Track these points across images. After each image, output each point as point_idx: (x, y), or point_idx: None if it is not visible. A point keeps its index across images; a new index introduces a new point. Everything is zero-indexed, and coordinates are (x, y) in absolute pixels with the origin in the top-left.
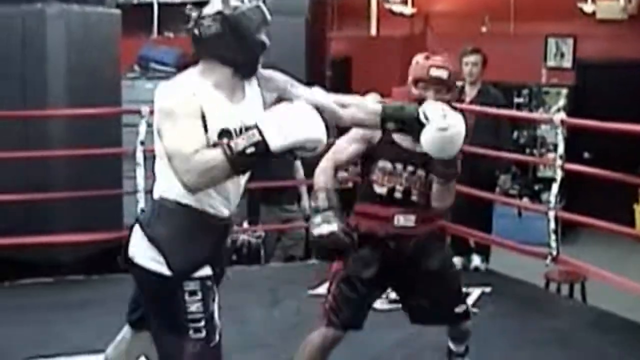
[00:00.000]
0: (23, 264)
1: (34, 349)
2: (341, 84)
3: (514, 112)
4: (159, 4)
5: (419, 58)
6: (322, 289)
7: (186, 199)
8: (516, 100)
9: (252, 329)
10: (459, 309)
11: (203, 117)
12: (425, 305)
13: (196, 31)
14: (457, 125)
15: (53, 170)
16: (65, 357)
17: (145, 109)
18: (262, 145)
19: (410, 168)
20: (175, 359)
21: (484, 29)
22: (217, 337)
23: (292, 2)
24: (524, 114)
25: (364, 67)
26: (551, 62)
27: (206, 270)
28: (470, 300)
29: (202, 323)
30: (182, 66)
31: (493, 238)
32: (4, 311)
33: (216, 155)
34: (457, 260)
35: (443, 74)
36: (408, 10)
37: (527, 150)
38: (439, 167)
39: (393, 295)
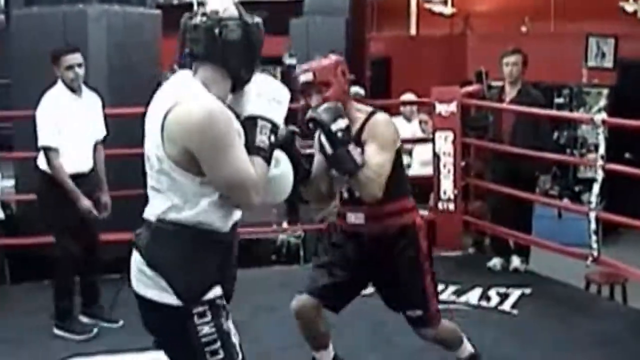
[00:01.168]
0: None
1: (73, 347)
2: (381, 83)
3: (554, 112)
4: (199, 4)
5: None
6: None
7: (193, 219)
8: (556, 100)
9: (292, 329)
10: (413, 313)
11: None
12: (390, 297)
13: (217, 31)
14: (284, 162)
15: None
16: (104, 356)
17: None
18: (273, 127)
19: None
20: None
21: (524, 29)
22: (239, 355)
23: (333, 2)
24: (564, 114)
25: (403, 67)
26: (592, 62)
27: (215, 291)
28: (510, 301)
29: (218, 344)
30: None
31: (533, 239)
32: (45, 309)
33: (261, 162)
34: (497, 261)
35: (308, 77)
36: (448, 10)
37: (568, 151)
38: (334, 168)
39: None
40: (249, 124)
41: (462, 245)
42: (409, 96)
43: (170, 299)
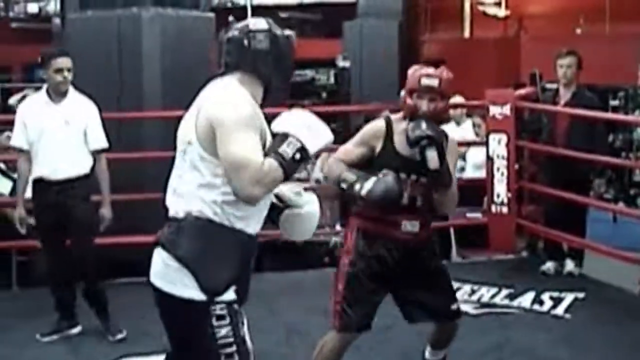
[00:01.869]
0: (118, 263)
1: (126, 347)
2: None
3: (609, 115)
4: (253, 7)
5: (411, 70)
6: None
7: (217, 216)
8: (611, 102)
9: None
10: (454, 306)
11: None
12: (425, 301)
13: (245, 42)
14: (311, 203)
15: (147, 171)
16: (158, 356)
17: None
18: (304, 150)
19: (413, 176)
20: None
21: (578, 31)
22: None
23: (387, 5)
24: (619, 116)
25: (457, 70)
26: None
27: (231, 295)
28: (563, 305)
29: (234, 348)
30: None
31: (587, 242)
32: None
33: (275, 165)
34: (550, 265)
35: (434, 82)
36: (501, 12)
37: (623, 154)
38: (431, 179)
39: (485, 299)
40: (280, 136)
41: (516, 249)
42: (456, 99)
43: (194, 293)
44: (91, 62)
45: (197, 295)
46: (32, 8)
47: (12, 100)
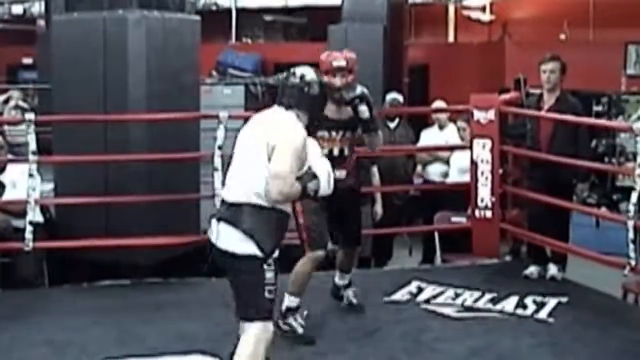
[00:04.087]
0: (102, 266)
1: (111, 350)
2: (419, 90)
3: (593, 121)
4: (238, 10)
5: (324, 56)
6: (399, 296)
7: (269, 203)
8: (595, 108)
9: (327, 336)
10: (356, 236)
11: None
12: (342, 231)
13: (305, 89)
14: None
15: (132, 174)
16: (142, 358)
17: (223, 114)
18: (318, 191)
19: (341, 132)
20: (255, 309)
21: (562, 36)
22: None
23: (371, 9)
24: (603, 122)
25: (441, 74)
26: (631, 70)
27: (275, 254)
28: (546, 310)
29: (273, 287)
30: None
31: (570, 247)
32: (83, 312)
33: (299, 187)
34: (533, 269)
35: (342, 62)
36: (486, 17)
37: (606, 159)
38: (363, 127)
39: (468, 302)
40: (312, 174)
41: (499, 253)
42: (439, 103)
43: (255, 251)
44: (76, 64)
45: (257, 253)
46: (17, 9)
47: None
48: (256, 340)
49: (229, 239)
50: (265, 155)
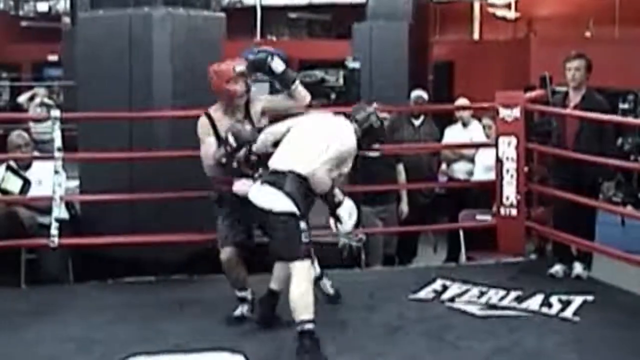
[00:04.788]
0: (126, 263)
1: (136, 346)
2: (443, 88)
3: (618, 118)
4: (262, 8)
5: (224, 65)
6: (423, 293)
7: (313, 184)
8: (621, 106)
9: (351, 333)
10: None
11: None
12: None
13: (371, 122)
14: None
15: (157, 171)
16: (166, 355)
17: None
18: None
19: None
20: (298, 249)
21: (588, 33)
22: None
23: (396, 6)
24: (629, 119)
25: (466, 71)
26: None
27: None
28: (572, 308)
29: (307, 233)
30: None
31: (596, 245)
32: (108, 308)
33: (330, 184)
34: (559, 268)
35: (243, 67)
36: (511, 14)
37: (632, 157)
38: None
39: (493, 301)
40: (346, 206)
41: (524, 252)
42: (462, 101)
43: (294, 209)
44: (101, 61)
45: (296, 211)
46: (42, 7)
47: (21, 99)
48: (307, 271)
49: (273, 199)
50: (324, 147)
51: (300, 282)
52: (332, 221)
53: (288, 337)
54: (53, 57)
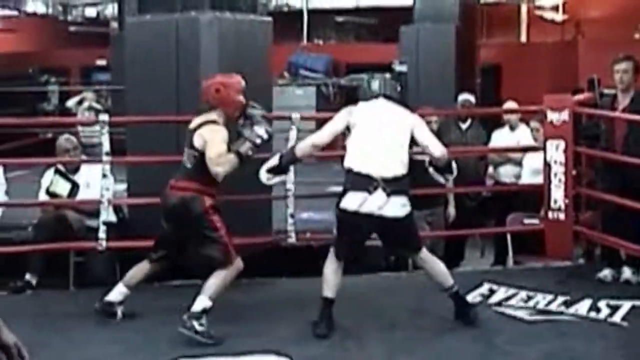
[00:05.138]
0: (174, 266)
1: (184, 349)
2: (490, 91)
3: None
4: (309, 11)
5: (234, 79)
6: (470, 297)
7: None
8: None
9: (399, 337)
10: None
11: None
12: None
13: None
14: None
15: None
16: (212, 357)
17: (295, 115)
18: None
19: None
20: (417, 240)
21: (637, 35)
22: None
23: (443, 9)
24: None
25: (513, 74)
26: None
27: None
28: (620, 313)
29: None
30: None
31: None
32: (154, 311)
33: None
34: (607, 272)
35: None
36: (559, 16)
37: None
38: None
39: (541, 305)
40: None
41: (572, 256)
42: (510, 104)
43: (409, 209)
44: (149, 66)
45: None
46: (90, 12)
47: (69, 103)
48: (431, 257)
49: (401, 208)
50: (408, 135)
51: (435, 261)
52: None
53: (336, 339)
54: (101, 62)
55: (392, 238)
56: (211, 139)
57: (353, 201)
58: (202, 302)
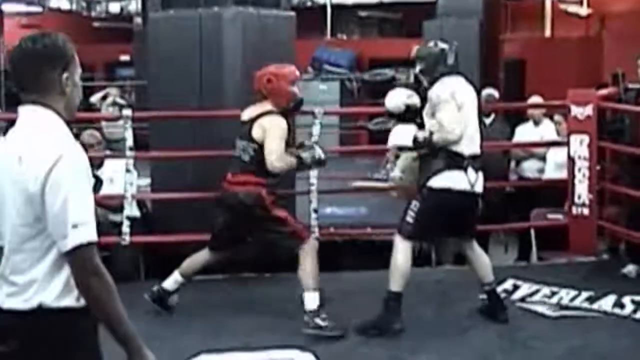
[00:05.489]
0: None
1: (206, 343)
2: (514, 86)
3: None
4: (332, 6)
5: (287, 69)
6: None
7: None
8: None
9: (422, 333)
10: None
11: None
12: None
13: None
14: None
15: (227, 170)
16: (235, 352)
17: (319, 110)
18: None
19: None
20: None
21: None
22: None
23: (466, 4)
24: None
25: (538, 69)
26: None
27: None
28: None
29: None
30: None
31: None
32: (178, 306)
33: None
34: (632, 268)
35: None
36: (583, 11)
37: None
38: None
39: (565, 301)
40: None
41: (597, 251)
42: (535, 99)
43: None
44: (173, 61)
45: None
46: (114, 7)
47: (93, 99)
48: (479, 248)
49: (481, 183)
50: None
51: (483, 253)
52: None
53: (359, 336)
54: (125, 57)
55: (472, 216)
56: (272, 132)
57: (453, 180)
58: (309, 298)
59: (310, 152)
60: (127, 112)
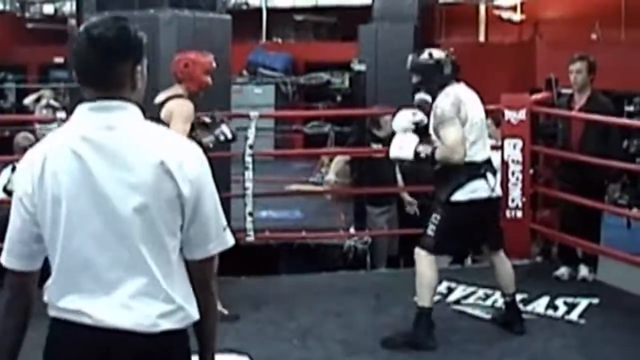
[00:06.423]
0: None
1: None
2: None
3: (624, 121)
4: (268, 10)
5: (197, 56)
6: None
7: None
8: (627, 108)
9: (357, 335)
10: None
11: None
12: None
13: None
14: None
15: None
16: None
17: (254, 114)
18: None
19: None
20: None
21: (594, 36)
22: None
23: (402, 8)
24: (635, 122)
25: (471, 74)
26: None
27: None
28: (577, 311)
29: None
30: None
31: (601, 248)
32: None
33: None
34: (564, 270)
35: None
36: (517, 16)
37: (638, 160)
38: None
39: (499, 303)
40: None
41: (530, 254)
42: None
43: None
44: None
45: None
46: (48, 9)
47: (27, 101)
48: (505, 256)
49: (499, 186)
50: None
51: (508, 261)
52: None
53: (299, 338)
54: (59, 59)
55: (495, 220)
56: (177, 114)
57: (476, 190)
58: None
59: (213, 135)
60: (61, 114)
